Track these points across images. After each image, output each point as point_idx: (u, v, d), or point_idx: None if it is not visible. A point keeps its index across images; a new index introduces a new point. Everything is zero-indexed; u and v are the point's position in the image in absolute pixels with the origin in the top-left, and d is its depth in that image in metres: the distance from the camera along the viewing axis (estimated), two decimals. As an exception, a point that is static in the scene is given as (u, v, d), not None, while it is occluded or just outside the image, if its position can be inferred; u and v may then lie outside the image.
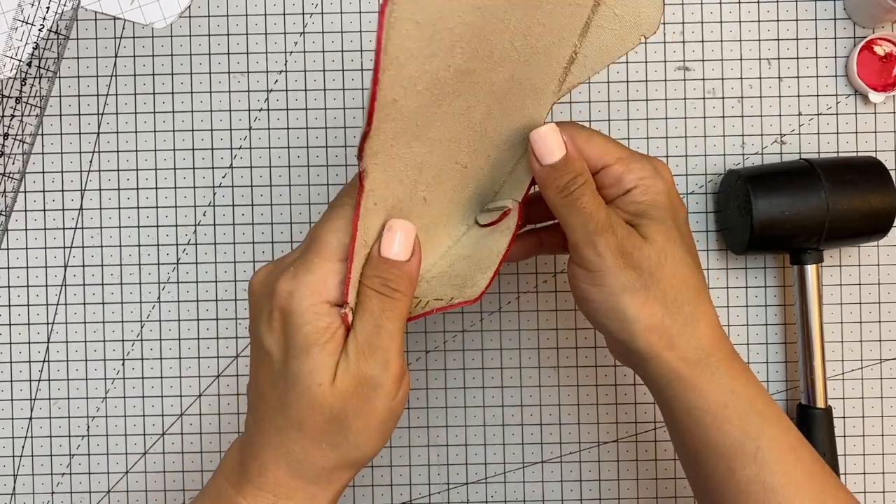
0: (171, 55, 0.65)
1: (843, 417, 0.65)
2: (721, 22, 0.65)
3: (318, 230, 0.43)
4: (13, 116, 0.65)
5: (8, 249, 0.65)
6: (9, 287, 0.65)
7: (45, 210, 0.65)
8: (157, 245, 0.65)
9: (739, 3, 0.65)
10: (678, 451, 0.51)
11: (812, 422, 0.61)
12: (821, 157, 0.63)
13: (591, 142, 0.48)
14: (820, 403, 0.61)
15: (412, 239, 0.44)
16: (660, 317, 0.47)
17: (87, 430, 0.65)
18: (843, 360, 0.64)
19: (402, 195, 0.45)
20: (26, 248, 0.65)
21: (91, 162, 0.65)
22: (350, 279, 0.42)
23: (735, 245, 0.63)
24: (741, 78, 0.65)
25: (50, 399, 0.65)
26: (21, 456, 0.65)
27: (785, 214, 0.59)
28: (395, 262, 0.43)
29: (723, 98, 0.65)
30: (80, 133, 0.65)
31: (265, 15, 0.65)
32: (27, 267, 0.65)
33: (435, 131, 0.44)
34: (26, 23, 0.64)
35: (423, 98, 0.41)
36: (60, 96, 0.65)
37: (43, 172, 0.65)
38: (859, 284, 0.65)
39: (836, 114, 0.65)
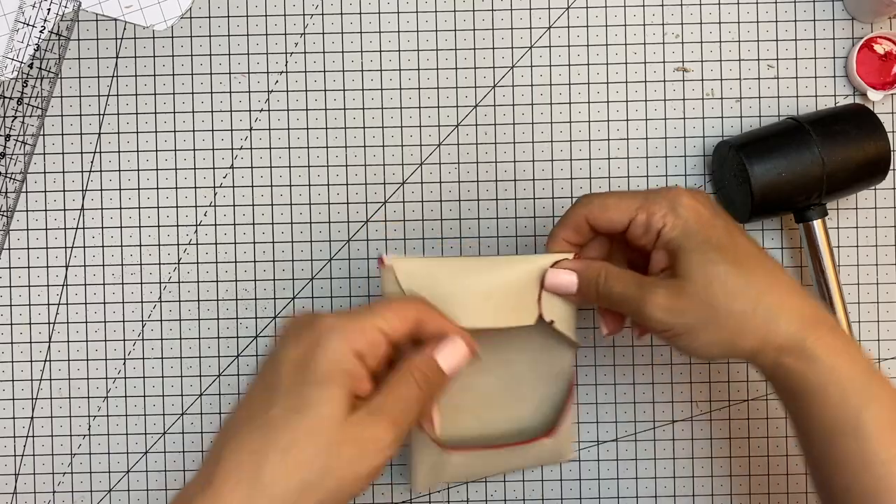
0: (172, 56, 0.65)
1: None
2: (720, 23, 0.65)
3: (378, 302, 0.48)
4: (15, 117, 0.65)
5: (10, 249, 0.65)
6: (10, 287, 0.65)
7: (46, 210, 0.65)
8: (159, 245, 0.65)
9: (738, 3, 0.65)
10: (793, 430, 0.52)
11: None
12: (807, 113, 0.63)
13: (607, 207, 0.52)
14: None
15: (461, 362, 0.49)
16: (740, 328, 0.49)
17: (89, 429, 0.65)
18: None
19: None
20: (28, 248, 0.65)
21: (92, 162, 0.65)
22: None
23: (738, 215, 0.62)
24: (740, 79, 0.65)
25: (51, 398, 0.65)
26: (23, 455, 0.65)
27: (782, 176, 0.59)
28: (440, 371, 0.48)
29: (721, 99, 0.65)
30: (81, 133, 0.65)
31: (266, 16, 0.65)
32: (29, 267, 0.65)
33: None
34: (27, 24, 0.65)
35: None
36: (62, 97, 0.65)
37: (44, 173, 0.65)
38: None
39: (835, 114, 0.65)
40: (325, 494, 0.43)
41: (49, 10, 0.65)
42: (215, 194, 0.65)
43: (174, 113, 0.65)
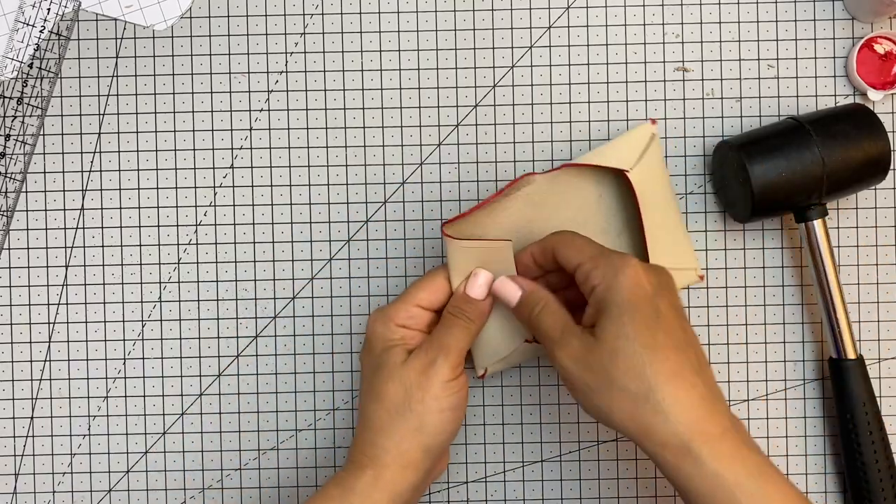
0: (172, 56, 0.65)
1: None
2: (720, 23, 0.65)
3: (413, 284, 0.59)
4: (14, 117, 0.65)
5: (10, 249, 0.65)
6: (10, 287, 0.65)
7: (46, 210, 0.65)
8: (159, 245, 0.65)
9: (738, 3, 0.65)
10: None
11: (846, 374, 0.61)
12: (807, 113, 0.63)
13: (571, 245, 0.55)
14: (850, 354, 0.62)
15: (488, 285, 0.58)
16: (629, 408, 0.50)
17: (89, 429, 0.65)
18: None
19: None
20: (28, 248, 0.65)
21: (92, 162, 0.65)
22: None
23: (739, 215, 0.62)
24: (740, 79, 0.65)
25: (51, 398, 0.65)
26: (22, 455, 0.65)
27: (782, 176, 0.59)
28: (473, 300, 0.57)
29: (721, 99, 0.65)
30: (81, 133, 0.65)
31: (266, 16, 0.65)
32: (29, 266, 0.65)
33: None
34: (27, 24, 0.65)
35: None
36: (62, 97, 0.65)
37: (44, 172, 0.65)
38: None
39: (835, 114, 0.65)
40: (418, 419, 0.54)
41: (49, 10, 0.65)
42: (215, 194, 0.65)
43: (174, 113, 0.65)
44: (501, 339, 0.61)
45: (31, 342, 0.65)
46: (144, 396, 0.65)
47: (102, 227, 0.65)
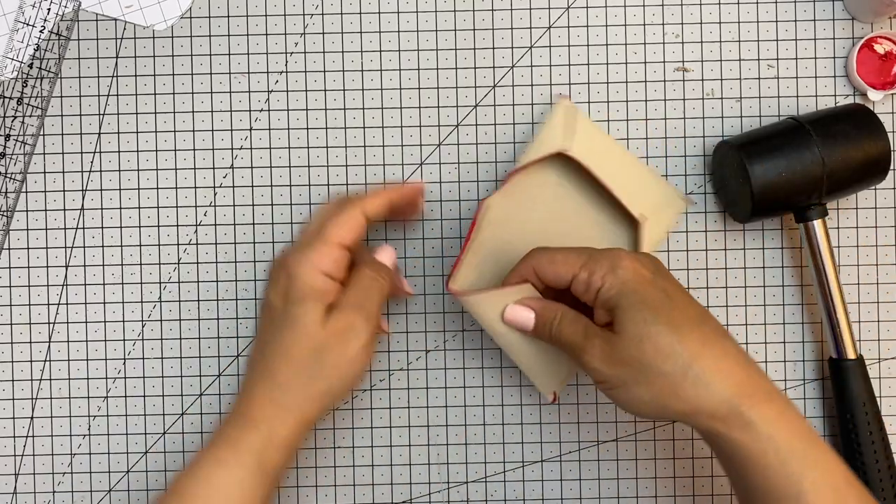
0: (172, 56, 0.65)
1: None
2: (720, 23, 0.65)
3: (326, 223, 0.56)
4: (14, 117, 0.65)
5: (10, 249, 0.65)
6: (10, 287, 0.65)
7: (46, 210, 0.65)
8: (159, 245, 0.65)
9: (738, 3, 0.65)
10: (734, 492, 0.53)
11: (846, 374, 0.62)
12: (807, 113, 0.63)
13: (554, 261, 0.55)
14: (850, 354, 0.62)
15: (393, 256, 0.61)
16: (670, 389, 0.50)
17: (89, 429, 0.65)
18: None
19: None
20: (28, 248, 0.65)
21: (92, 162, 0.65)
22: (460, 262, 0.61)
23: (739, 215, 0.62)
24: (740, 79, 0.65)
25: (51, 398, 0.65)
26: (22, 455, 0.65)
27: (782, 176, 0.59)
28: (382, 264, 0.58)
29: (721, 99, 0.65)
30: (81, 133, 0.65)
31: (266, 16, 0.65)
32: (29, 267, 0.65)
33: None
34: (27, 24, 0.65)
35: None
36: (62, 97, 0.65)
37: (44, 173, 0.65)
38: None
39: (835, 114, 0.65)
40: (328, 382, 0.54)
41: (49, 10, 0.65)
42: (215, 194, 0.65)
43: (174, 113, 0.65)
44: (562, 361, 0.60)
45: (31, 342, 0.65)
46: (144, 396, 0.65)
47: (102, 227, 0.65)
